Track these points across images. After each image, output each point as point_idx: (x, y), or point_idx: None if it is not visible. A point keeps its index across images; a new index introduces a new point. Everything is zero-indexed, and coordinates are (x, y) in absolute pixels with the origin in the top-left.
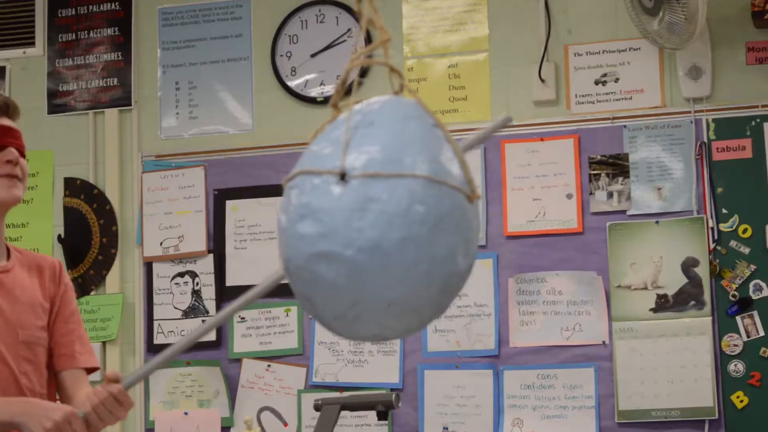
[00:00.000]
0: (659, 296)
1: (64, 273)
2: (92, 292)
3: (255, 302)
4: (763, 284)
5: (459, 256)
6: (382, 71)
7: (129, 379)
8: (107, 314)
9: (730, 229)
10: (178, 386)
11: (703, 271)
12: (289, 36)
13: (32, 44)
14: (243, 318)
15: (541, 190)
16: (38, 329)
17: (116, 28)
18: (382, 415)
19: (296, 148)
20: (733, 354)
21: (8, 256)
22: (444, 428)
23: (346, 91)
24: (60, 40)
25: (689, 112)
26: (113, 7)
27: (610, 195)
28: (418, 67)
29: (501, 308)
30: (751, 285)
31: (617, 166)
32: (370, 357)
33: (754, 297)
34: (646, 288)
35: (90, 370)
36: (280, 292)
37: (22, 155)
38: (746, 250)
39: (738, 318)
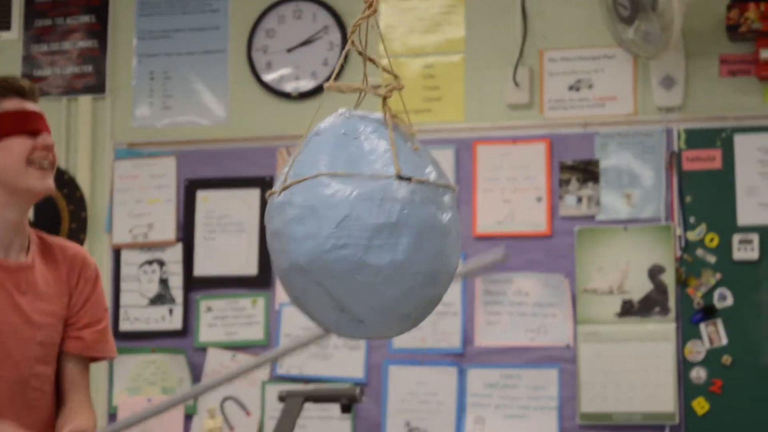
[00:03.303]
0: (625, 301)
1: (87, 264)
2: None
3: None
4: (728, 293)
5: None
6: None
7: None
8: None
9: (698, 238)
10: (141, 373)
11: (669, 278)
12: (266, 30)
13: (8, 28)
14: (210, 308)
15: (512, 193)
16: (56, 329)
17: (93, 16)
18: (345, 409)
19: (269, 141)
20: (695, 361)
21: (28, 248)
22: (406, 424)
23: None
24: (36, 25)
25: (661, 121)
26: None
27: (579, 200)
28: (393, 67)
29: (467, 307)
30: (716, 293)
31: (588, 172)
32: (335, 351)
33: (718, 305)
34: (612, 293)
35: (98, 358)
36: (247, 283)
37: None
38: (712, 259)
39: (702, 325)
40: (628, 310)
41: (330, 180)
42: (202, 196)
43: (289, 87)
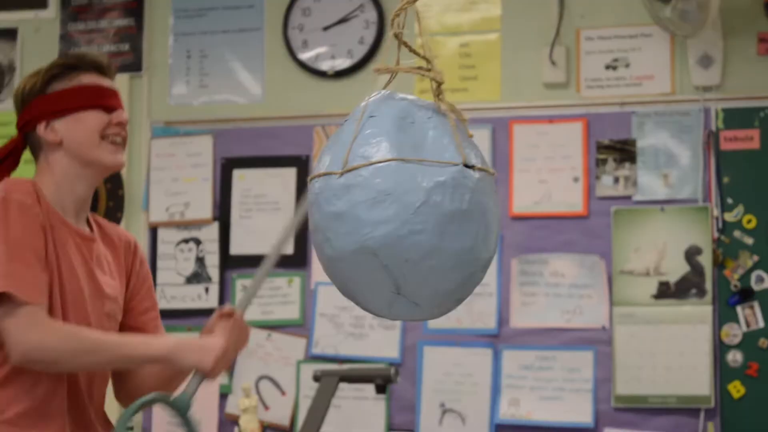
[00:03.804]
0: (661, 283)
1: (139, 248)
2: None
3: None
4: (765, 275)
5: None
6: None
7: (241, 302)
8: None
9: (735, 219)
10: None
11: (705, 259)
12: (302, 9)
13: (45, 6)
14: (245, 287)
15: (548, 173)
16: (119, 305)
17: None
18: (380, 389)
19: (305, 120)
20: (732, 344)
21: (89, 225)
22: (441, 405)
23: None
24: (73, 3)
25: (698, 100)
26: None
27: (616, 180)
28: (430, 48)
29: (503, 288)
30: (753, 275)
31: (624, 152)
32: (370, 331)
33: (755, 288)
34: (648, 274)
35: None
36: (283, 262)
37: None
38: (750, 241)
39: (738, 308)
40: (664, 291)
41: (403, 165)
42: (239, 175)
43: (325, 65)
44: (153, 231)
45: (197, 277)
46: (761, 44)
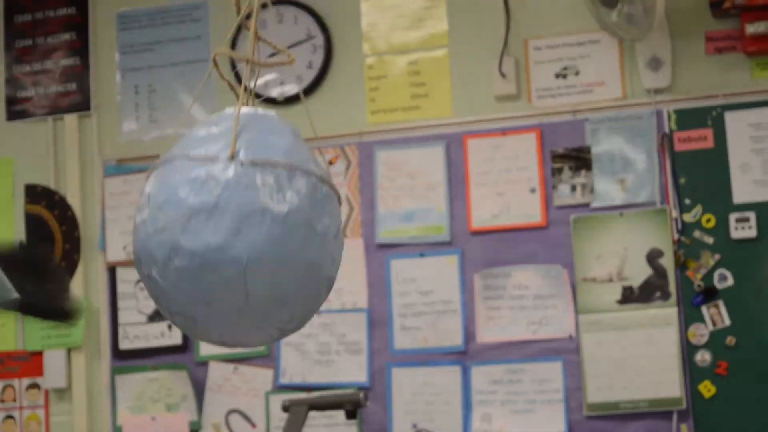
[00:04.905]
0: (625, 288)
1: None
2: None
3: None
4: (728, 273)
5: None
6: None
7: None
8: None
9: (694, 220)
10: (145, 391)
11: (667, 261)
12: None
13: None
14: None
15: (505, 185)
16: None
17: (74, 33)
18: (350, 415)
19: None
20: (699, 344)
21: None
22: (413, 425)
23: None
24: (17, 45)
25: (650, 103)
26: (70, 11)
27: (573, 188)
28: (378, 65)
29: (467, 304)
30: (716, 274)
31: (580, 160)
32: (337, 357)
33: (719, 286)
34: (611, 280)
35: None
36: None
37: None
38: (710, 240)
39: (704, 308)
40: (628, 296)
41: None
42: None
43: (274, 92)
44: (111, 271)
45: (159, 314)
46: (709, 43)
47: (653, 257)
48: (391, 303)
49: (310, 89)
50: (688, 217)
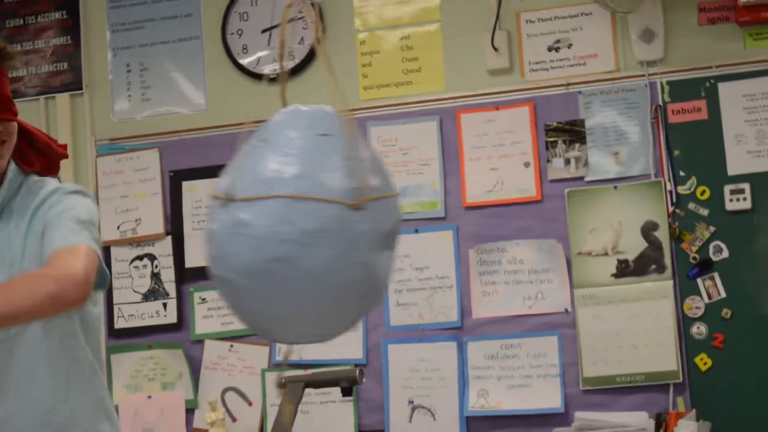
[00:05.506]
0: (620, 261)
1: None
2: None
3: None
4: (723, 246)
5: (342, 267)
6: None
7: None
8: None
9: (689, 192)
10: (140, 369)
11: (662, 234)
12: (239, 13)
13: None
14: (204, 299)
15: (499, 160)
16: None
17: (64, 12)
18: (346, 392)
19: (250, 126)
20: (695, 317)
21: None
22: (410, 402)
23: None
24: (7, 25)
25: (643, 75)
26: None
27: (567, 162)
28: (370, 41)
29: (462, 279)
30: (711, 246)
31: (573, 133)
32: None
33: (714, 259)
34: (606, 254)
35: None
36: None
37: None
38: (705, 212)
39: (699, 280)
40: (624, 270)
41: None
42: (188, 187)
43: (267, 69)
44: (106, 250)
45: (154, 293)
46: (702, 14)
47: (648, 230)
48: None
49: (302, 66)
50: (682, 190)
